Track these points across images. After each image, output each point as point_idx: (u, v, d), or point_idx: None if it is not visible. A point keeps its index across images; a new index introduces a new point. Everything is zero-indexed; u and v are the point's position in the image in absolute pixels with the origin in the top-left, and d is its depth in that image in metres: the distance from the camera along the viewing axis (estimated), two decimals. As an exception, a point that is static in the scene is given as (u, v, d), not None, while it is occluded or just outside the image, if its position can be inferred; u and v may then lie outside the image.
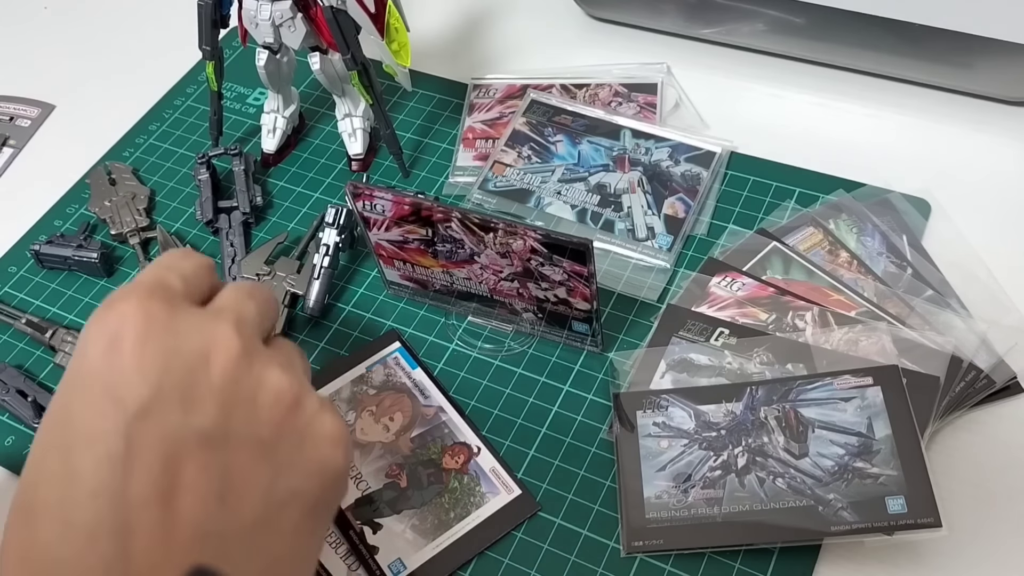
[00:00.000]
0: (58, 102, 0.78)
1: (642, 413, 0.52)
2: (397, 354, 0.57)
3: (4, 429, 0.57)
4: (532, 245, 0.51)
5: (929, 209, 0.61)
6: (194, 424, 0.35)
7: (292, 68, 0.67)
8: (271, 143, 0.69)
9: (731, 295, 0.57)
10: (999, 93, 0.67)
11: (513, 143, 0.67)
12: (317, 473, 0.38)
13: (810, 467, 0.48)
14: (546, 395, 0.55)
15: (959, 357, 0.52)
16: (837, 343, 0.53)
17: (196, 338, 0.37)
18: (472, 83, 0.73)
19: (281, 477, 0.37)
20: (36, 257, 0.64)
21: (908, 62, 0.67)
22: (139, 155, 0.72)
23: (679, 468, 0.49)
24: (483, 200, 0.64)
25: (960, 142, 0.66)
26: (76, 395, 0.36)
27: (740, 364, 0.53)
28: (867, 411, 0.49)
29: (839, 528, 0.46)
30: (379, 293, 0.61)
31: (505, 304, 0.57)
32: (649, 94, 0.70)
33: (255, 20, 0.61)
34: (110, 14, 0.86)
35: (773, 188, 0.64)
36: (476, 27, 0.79)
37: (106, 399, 0.35)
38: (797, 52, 0.71)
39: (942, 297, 0.55)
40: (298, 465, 0.38)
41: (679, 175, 0.64)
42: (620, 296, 0.59)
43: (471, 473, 0.52)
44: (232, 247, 0.64)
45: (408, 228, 0.54)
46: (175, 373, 0.36)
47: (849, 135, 0.67)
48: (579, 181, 0.64)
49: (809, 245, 0.59)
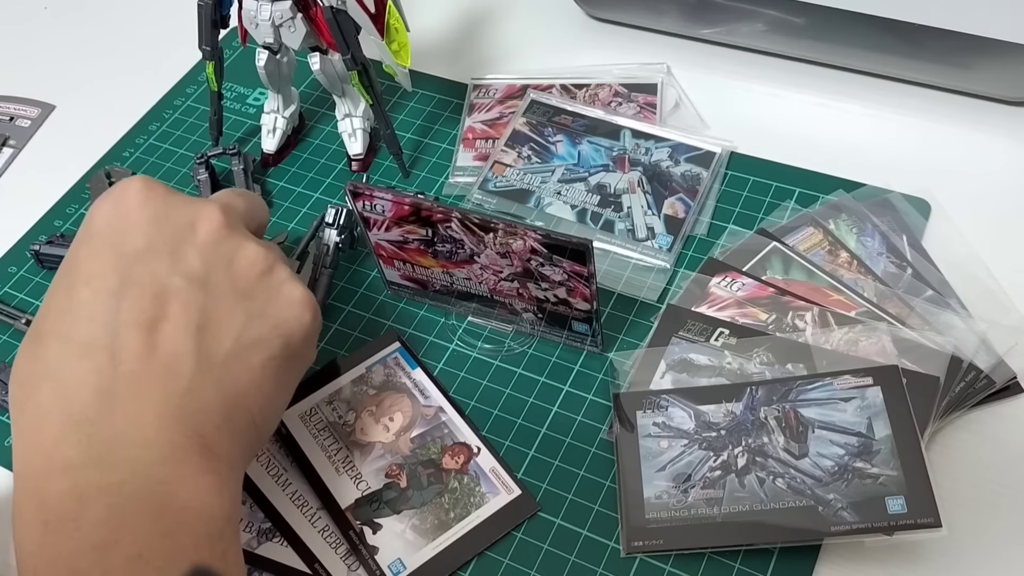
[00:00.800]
0: (58, 102, 0.78)
1: (642, 413, 0.52)
2: (397, 354, 0.57)
3: (4, 429, 0.57)
4: (532, 245, 0.51)
5: (929, 209, 0.61)
6: (179, 269, 0.43)
7: (292, 68, 0.67)
8: (271, 143, 0.69)
9: (731, 295, 0.57)
10: (999, 93, 0.67)
11: (513, 143, 0.67)
12: (284, 326, 0.45)
13: (810, 467, 0.48)
14: (546, 395, 0.55)
15: (959, 357, 0.52)
16: (837, 343, 0.53)
17: (187, 211, 0.45)
18: (472, 83, 0.73)
19: (252, 324, 0.44)
20: (36, 257, 0.64)
21: (908, 62, 0.67)
22: (139, 155, 0.72)
23: (679, 468, 0.49)
24: (483, 200, 0.64)
25: (960, 142, 0.66)
26: (82, 247, 0.44)
27: (740, 364, 0.53)
28: (867, 411, 0.49)
29: (839, 528, 0.46)
30: (379, 293, 0.61)
31: (505, 304, 0.57)
32: (649, 94, 0.70)
33: (255, 20, 0.61)
34: (110, 14, 0.86)
35: (773, 188, 0.64)
36: (476, 27, 0.79)
37: (106, 247, 0.43)
38: (797, 52, 0.71)
39: (942, 297, 0.55)
40: (268, 316, 0.45)
41: (679, 175, 0.64)
42: (620, 296, 0.59)
43: (471, 473, 0.52)
44: None
45: (408, 228, 0.54)
46: (166, 232, 0.44)
47: (849, 135, 0.67)
48: (579, 181, 0.64)
49: (809, 245, 0.59)
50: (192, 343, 0.42)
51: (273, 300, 0.45)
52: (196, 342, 0.42)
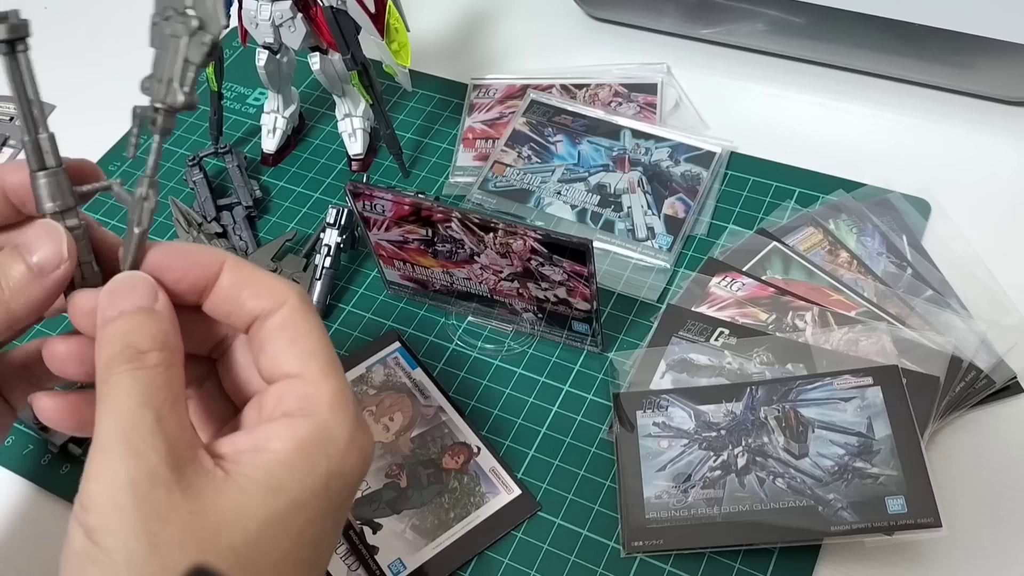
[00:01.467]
0: (58, 102, 0.78)
1: (642, 413, 0.52)
2: (397, 354, 0.57)
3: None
4: (532, 245, 0.51)
5: (929, 209, 0.61)
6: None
7: (292, 68, 0.67)
8: (271, 143, 0.69)
9: (731, 295, 0.57)
10: (999, 93, 0.67)
11: (513, 143, 0.67)
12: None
13: (810, 467, 0.48)
14: (546, 395, 0.55)
15: (959, 357, 0.52)
16: (837, 343, 0.53)
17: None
18: (472, 83, 0.73)
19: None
20: (36, 257, 0.64)
21: (908, 62, 0.67)
22: (139, 155, 0.71)
23: (679, 468, 0.49)
24: (483, 200, 0.64)
25: (960, 142, 0.66)
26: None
27: (740, 364, 0.53)
28: (867, 411, 0.49)
29: (839, 528, 0.46)
30: (379, 293, 0.61)
31: (505, 304, 0.57)
32: (649, 94, 0.70)
33: (255, 20, 0.61)
34: (110, 14, 0.86)
35: (773, 188, 0.64)
36: (476, 27, 0.79)
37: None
38: (797, 52, 0.71)
39: (942, 297, 0.55)
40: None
41: (679, 175, 0.64)
42: (620, 296, 0.59)
43: (471, 473, 0.52)
44: (242, 240, 0.64)
45: (408, 228, 0.54)
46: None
47: (849, 135, 0.67)
48: (579, 181, 0.64)
49: (809, 245, 0.59)
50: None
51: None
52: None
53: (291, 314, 0.35)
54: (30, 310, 0.35)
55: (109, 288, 0.34)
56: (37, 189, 0.35)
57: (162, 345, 0.33)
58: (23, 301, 0.35)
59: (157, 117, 0.34)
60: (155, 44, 0.33)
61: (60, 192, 0.35)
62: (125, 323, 0.33)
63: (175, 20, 0.32)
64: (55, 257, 0.34)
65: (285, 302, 0.35)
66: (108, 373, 0.32)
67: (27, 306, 0.35)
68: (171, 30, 0.32)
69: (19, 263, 0.35)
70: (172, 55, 0.32)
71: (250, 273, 0.36)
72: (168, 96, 0.33)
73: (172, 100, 0.33)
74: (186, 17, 0.32)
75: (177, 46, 0.32)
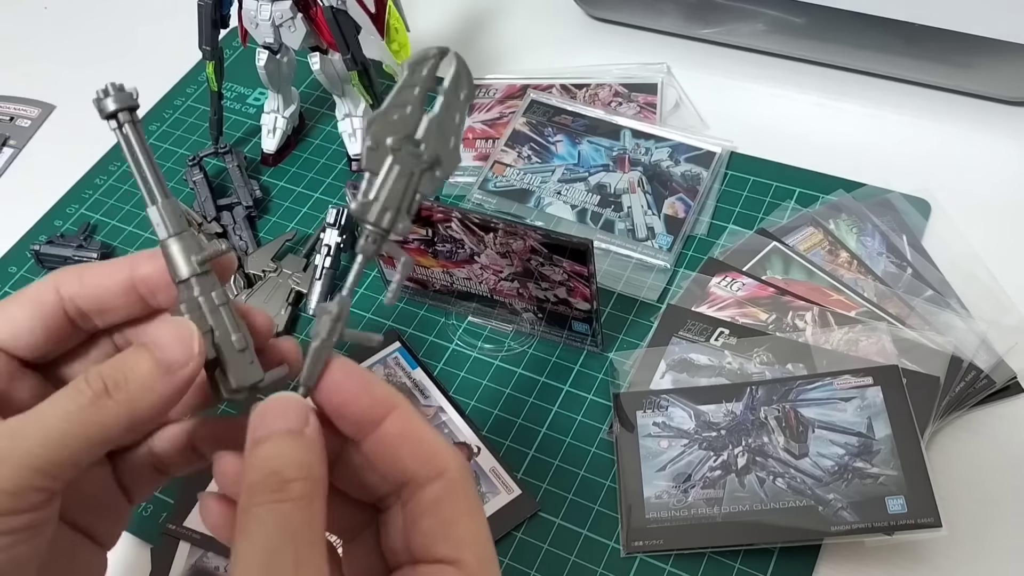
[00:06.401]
0: (58, 102, 0.78)
1: (642, 413, 0.52)
2: (397, 354, 0.57)
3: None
4: (532, 245, 0.51)
5: (929, 209, 0.61)
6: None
7: (292, 68, 0.67)
8: (271, 143, 0.69)
9: (731, 295, 0.57)
10: (999, 93, 0.67)
11: (513, 143, 0.67)
12: None
13: (810, 467, 0.48)
14: (546, 395, 0.55)
15: (959, 357, 0.52)
16: (837, 343, 0.53)
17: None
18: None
19: None
20: (36, 257, 0.64)
21: (908, 62, 0.67)
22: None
23: (679, 468, 0.49)
24: (483, 200, 0.64)
25: (960, 142, 0.66)
26: None
27: (740, 364, 0.53)
28: (867, 411, 0.49)
29: (839, 528, 0.46)
30: (379, 293, 0.61)
31: (505, 304, 0.57)
32: (649, 94, 0.70)
33: (255, 20, 0.61)
34: (110, 14, 0.86)
35: (773, 188, 0.64)
36: (476, 27, 0.79)
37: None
38: (797, 52, 0.71)
39: (942, 297, 0.55)
40: None
41: (679, 175, 0.64)
42: (620, 296, 0.59)
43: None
44: (242, 240, 0.64)
45: (408, 228, 0.54)
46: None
47: (849, 135, 0.67)
48: (579, 181, 0.64)
49: (809, 245, 0.59)
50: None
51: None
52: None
53: (449, 488, 0.32)
54: (156, 409, 0.32)
55: (261, 409, 0.32)
56: (171, 256, 0.33)
57: (307, 474, 0.31)
58: (150, 399, 0.32)
59: (369, 239, 0.33)
60: (370, 167, 0.32)
61: (194, 248, 0.33)
62: (272, 448, 0.31)
63: (407, 152, 0.32)
64: (183, 355, 0.32)
65: (443, 473, 0.32)
66: (250, 503, 0.30)
67: (153, 405, 0.32)
68: (402, 163, 0.32)
69: (146, 359, 0.32)
70: (403, 184, 0.32)
71: (418, 429, 0.33)
72: (397, 224, 0.33)
73: (402, 230, 0.33)
74: (419, 151, 0.32)
75: (409, 178, 0.32)
